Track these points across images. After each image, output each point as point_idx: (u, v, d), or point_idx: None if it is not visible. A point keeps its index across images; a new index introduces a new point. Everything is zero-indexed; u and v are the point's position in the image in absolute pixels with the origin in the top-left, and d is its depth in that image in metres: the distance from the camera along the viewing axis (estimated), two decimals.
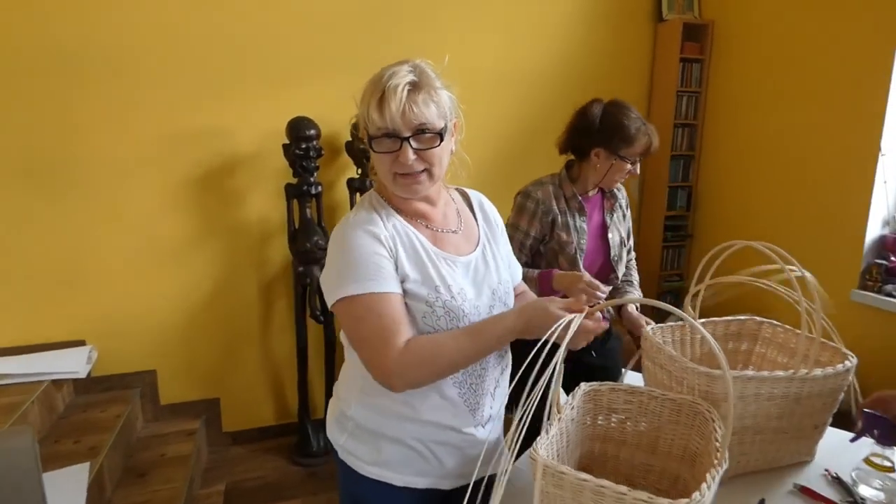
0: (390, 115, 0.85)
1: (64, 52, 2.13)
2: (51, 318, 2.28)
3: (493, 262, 1.05)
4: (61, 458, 1.88)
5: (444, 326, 0.93)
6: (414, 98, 0.86)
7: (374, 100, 0.86)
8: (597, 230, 1.59)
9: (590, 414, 1.01)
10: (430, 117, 0.88)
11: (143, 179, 2.30)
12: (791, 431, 1.05)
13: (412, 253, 0.94)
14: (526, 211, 1.54)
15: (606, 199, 1.62)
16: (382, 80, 0.87)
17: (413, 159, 0.88)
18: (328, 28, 2.44)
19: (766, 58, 2.69)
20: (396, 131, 0.87)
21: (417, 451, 0.99)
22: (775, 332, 1.26)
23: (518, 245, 1.54)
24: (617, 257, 1.60)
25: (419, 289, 0.92)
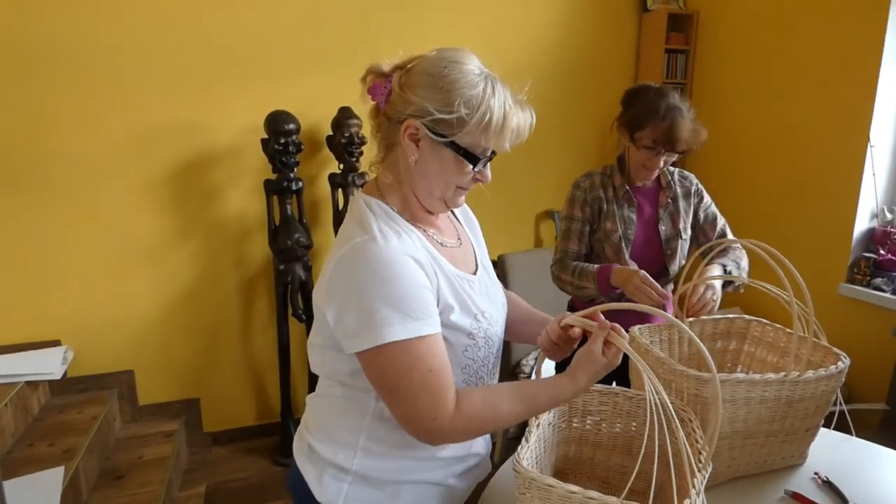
0: (511, 144, 0.80)
1: (36, 49, 2.05)
2: (25, 318, 2.21)
3: (490, 270, 0.98)
4: (35, 461, 1.83)
5: (482, 357, 0.86)
6: (528, 127, 0.82)
7: (508, 129, 0.78)
8: (649, 223, 1.51)
9: (564, 417, 0.99)
10: None
11: (119, 177, 2.24)
12: (782, 435, 1.02)
13: (445, 278, 0.81)
14: (575, 199, 1.52)
15: (662, 192, 1.53)
16: (508, 109, 0.78)
17: (489, 179, 0.84)
18: (306, 21, 2.38)
19: (753, 48, 2.66)
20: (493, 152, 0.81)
21: (440, 484, 0.90)
22: (764, 330, 1.23)
23: (577, 235, 1.51)
24: (670, 251, 1.51)
25: (461, 320, 0.81)
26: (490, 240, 1.09)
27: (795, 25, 2.45)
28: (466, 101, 0.76)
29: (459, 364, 0.84)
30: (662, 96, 1.38)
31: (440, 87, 0.76)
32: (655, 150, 1.38)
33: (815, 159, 2.42)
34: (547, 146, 2.88)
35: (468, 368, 0.86)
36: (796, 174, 2.50)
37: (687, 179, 1.57)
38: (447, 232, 0.92)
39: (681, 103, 1.38)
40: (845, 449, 1.16)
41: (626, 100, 1.47)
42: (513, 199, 2.85)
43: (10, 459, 1.83)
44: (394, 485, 0.86)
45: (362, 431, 0.85)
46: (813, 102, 2.40)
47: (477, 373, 0.88)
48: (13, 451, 1.88)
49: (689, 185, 1.55)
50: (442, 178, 0.81)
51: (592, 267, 1.44)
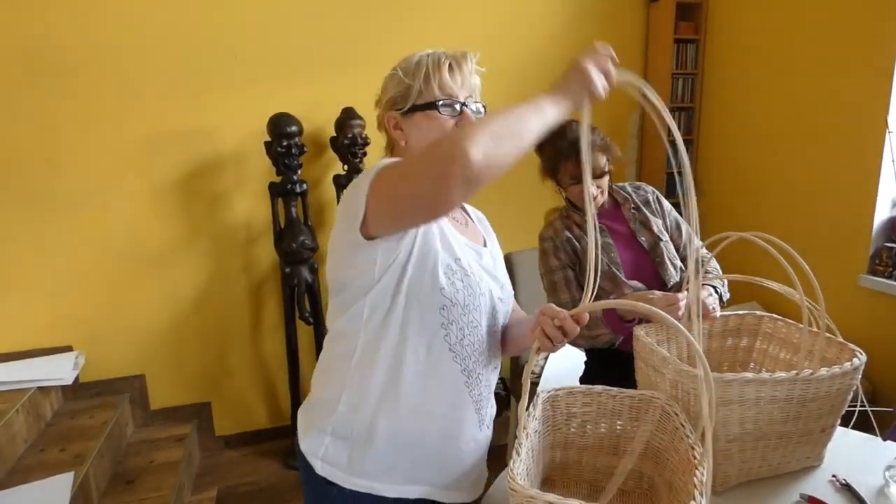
0: (459, 84, 0.91)
1: (41, 58, 2.08)
2: (36, 324, 2.23)
3: (498, 262, 1.03)
4: (47, 467, 1.84)
5: (461, 300, 0.87)
6: (471, 66, 0.95)
7: (444, 67, 0.91)
8: (627, 241, 1.47)
9: (549, 422, 0.97)
10: (477, 90, 0.96)
11: (126, 183, 2.25)
12: (796, 436, 0.97)
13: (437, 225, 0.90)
14: (548, 251, 1.47)
15: (623, 206, 1.50)
16: (442, 52, 0.93)
17: (474, 121, 0.89)
18: (307, 24, 2.37)
19: (765, 35, 2.58)
20: (457, 98, 0.91)
21: (416, 448, 0.89)
22: (777, 326, 1.18)
23: (565, 283, 1.43)
24: (658, 258, 1.46)
25: (440, 253, 0.87)
26: (500, 237, 1.11)
27: (809, 12, 2.37)
28: (405, 71, 0.92)
29: (438, 303, 0.86)
30: (561, 135, 1.38)
31: (389, 77, 0.95)
32: (580, 184, 1.38)
33: (831, 148, 2.34)
34: None
35: (445, 328, 0.87)
36: (812, 164, 2.42)
37: (641, 189, 1.54)
38: (456, 213, 1.02)
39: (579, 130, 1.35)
40: (866, 450, 1.11)
41: (536, 147, 1.41)
42: (519, 196, 2.81)
43: (22, 465, 1.85)
44: (367, 433, 0.88)
45: (346, 383, 0.89)
46: (828, 89, 2.32)
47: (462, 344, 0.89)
48: (25, 457, 1.90)
49: (645, 194, 1.54)
50: (429, 138, 0.91)
51: (596, 312, 1.37)
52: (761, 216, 2.66)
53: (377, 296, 0.86)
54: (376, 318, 0.86)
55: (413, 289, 0.85)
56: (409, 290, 0.85)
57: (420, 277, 0.85)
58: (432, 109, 0.90)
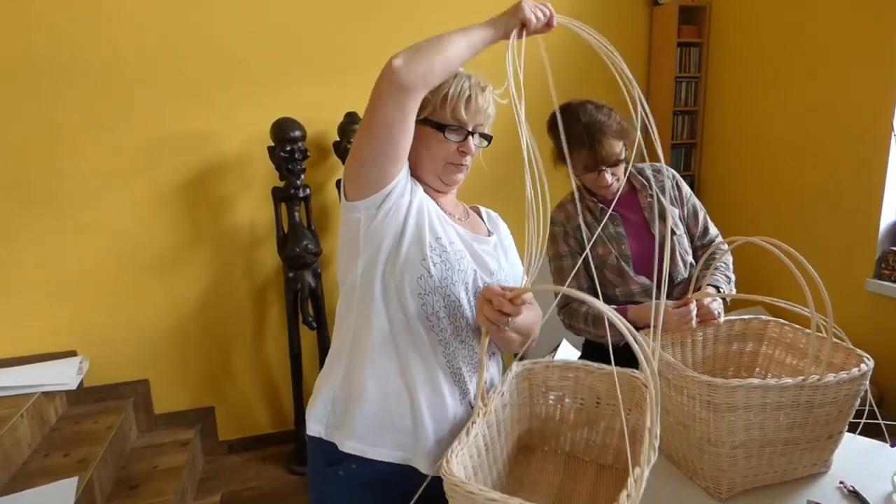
0: (475, 112, 0.97)
1: (43, 63, 2.09)
2: (40, 329, 2.24)
3: (499, 253, 1.05)
4: (51, 472, 1.84)
5: (438, 275, 0.91)
6: (488, 101, 1.00)
7: (463, 97, 0.96)
8: (640, 230, 1.40)
9: (525, 394, 0.99)
10: (489, 121, 1.02)
11: (129, 188, 2.26)
12: (803, 442, 0.96)
13: (423, 208, 0.95)
14: (558, 236, 1.42)
15: (639, 193, 1.42)
16: (465, 80, 0.98)
17: (473, 151, 0.99)
18: (310, 28, 2.38)
19: (769, 38, 2.58)
20: (466, 125, 0.97)
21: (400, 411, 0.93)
22: (783, 331, 1.17)
23: (571, 269, 1.38)
24: (670, 254, 1.41)
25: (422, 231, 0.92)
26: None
27: (812, 14, 2.37)
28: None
29: (414, 291, 0.91)
30: (575, 118, 1.32)
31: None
32: (594, 171, 1.33)
33: (836, 152, 2.33)
34: None
35: (422, 298, 0.91)
36: (817, 168, 2.41)
37: (660, 172, 1.43)
38: (450, 208, 1.05)
39: (597, 115, 1.31)
40: (874, 456, 1.09)
41: (549, 130, 1.40)
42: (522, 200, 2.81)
43: (26, 470, 1.85)
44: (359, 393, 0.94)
45: (344, 351, 0.97)
46: (833, 92, 2.31)
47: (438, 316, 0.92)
48: (29, 462, 1.90)
49: (665, 180, 1.43)
50: (429, 154, 0.98)
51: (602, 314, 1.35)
52: (766, 220, 2.65)
53: (365, 265, 0.93)
54: (366, 287, 0.93)
55: (395, 258, 0.92)
56: (392, 258, 0.92)
57: (402, 248, 0.91)
58: (440, 131, 0.96)
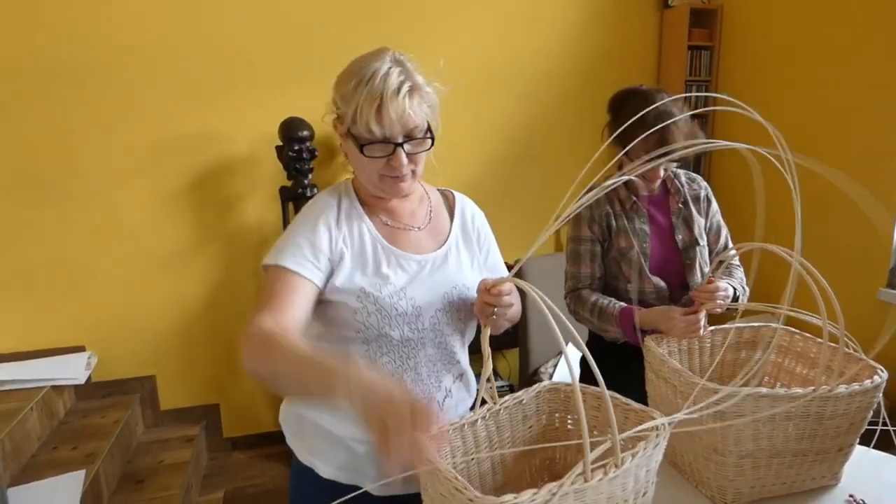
0: (390, 124, 0.84)
1: (53, 64, 2.11)
2: (50, 324, 2.27)
3: (456, 264, 1.00)
4: (59, 464, 1.87)
5: (374, 325, 0.90)
6: (411, 102, 0.85)
7: (372, 107, 0.83)
8: (663, 233, 1.39)
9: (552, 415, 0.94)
10: (423, 119, 0.88)
11: (138, 187, 2.28)
12: (812, 454, 0.94)
13: (358, 252, 0.93)
14: (581, 218, 1.39)
15: (671, 197, 1.41)
16: (376, 85, 0.83)
17: (405, 164, 0.88)
18: (318, 28, 2.38)
19: (781, 42, 2.55)
20: (392, 138, 0.86)
21: (344, 445, 0.96)
22: (793, 340, 1.15)
23: (589, 256, 1.38)
24: (689, 261, 1.39)
25: (351, 282, 0.90)
26: (507, 244, 1.10)
27: (826, 17, 2.33)
28: (342, 97, 0.87)
29: (353, 328, 0.90)
30: (650, 101, 1.27)
31: (335, 85, 0.90)
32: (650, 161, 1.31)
33: (849, 158, 2.30)
34: (566, 148, 2.82)
35: (362, 334, 0.90)
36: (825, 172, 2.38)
37: (695, 182, 1.46)
38: (412, 217, 1.00)
39: (672, 106, 1.29)
40: (887, 471, 1.07)
41: (613, 108, 1.38)
42: (531, 203, 2.80)
43: (35, 462, 1.87)
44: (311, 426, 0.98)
45: None
46: (846, 97, 2.28)
47: (377, 343, 0.91)
48: (38, 454, 1.92)
49: (699, 189, 1.46)
50: (360, 166, 0.90)
51: (613, 308, 1.30)
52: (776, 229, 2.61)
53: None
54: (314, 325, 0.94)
55: (331, 318, 0.92)
56: (329, 319, 0.92)
57: (336, 308, 0.90)
58: (359, 148, 0.86)
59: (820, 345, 1.06)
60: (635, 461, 0.64)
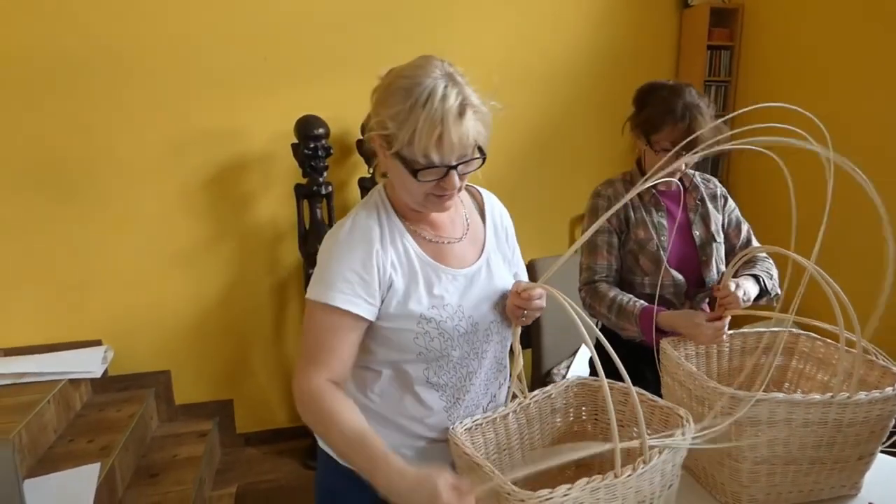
0: (450, 151, 0.79)
1: (72, 60, 2.14)
2: (67, 318, 2.30)
3: (497, 270, 0.99)
4: (75, 457, 1.89)
5: (437, 347, 0.89)
6: (468, 125, 0.80)
7: (433, 135, 0.78)
8: (681, 229, 1.39)
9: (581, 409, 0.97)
10: (479, 140, 0.83)
11: (155, 183, 2.31)
12: (830, 462, 0.92)
13: (408, 272, 0.89)
14: (599, 209, 1.38)
15: (688, 194, 1.42)
16: (435, 108, 0.77)
17: (458, 185, 0.84)
18: (335, 25, 2.39)
19: (802, 42, 2.50)
20: (442, 163, 0.80)
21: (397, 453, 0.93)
22: (815, 345, 1.13)
23: (606, 248, 1.37)
24: (705, 258, 1.39)
25: (408, 308, 0.88)
26: (523, 244, 1.09)
27: (848, 18, 2.28)
28: (393, 117, 0.80)
29: (413, 351, 0.89)
30: (678, 94, 1.28)
31: (382, 102, 0.83)
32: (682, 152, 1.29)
33: (869, 160, 2.23)
34: (582, 148, 2.80)
35: (423, 356, 0.89)
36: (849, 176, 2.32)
37: (710, 181, 1.47)
38: (452, 227, 0.97)
39: (699, 100, 1.28)
40: None
41: (639, 99, 1.37)
42: (546, 202, 2.78)
43: (52, 454, 1.90)
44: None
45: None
46: (869, 98, 2.23)
47: (438, 363, 0.91)
48: (55, 447, 1.95)
49: (714, 188, 1.46)
50: (404, 186, 0.86)
51: (633, 306, 1.27)
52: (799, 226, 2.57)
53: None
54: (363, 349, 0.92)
55: (387, 341, 0.90)
56: (385, 341, 0.90)
57: (393, 333, 0.89)
58: (412, 173, 0.81)
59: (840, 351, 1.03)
60: (662, 457, 0.67)
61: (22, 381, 2.04)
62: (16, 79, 2.10)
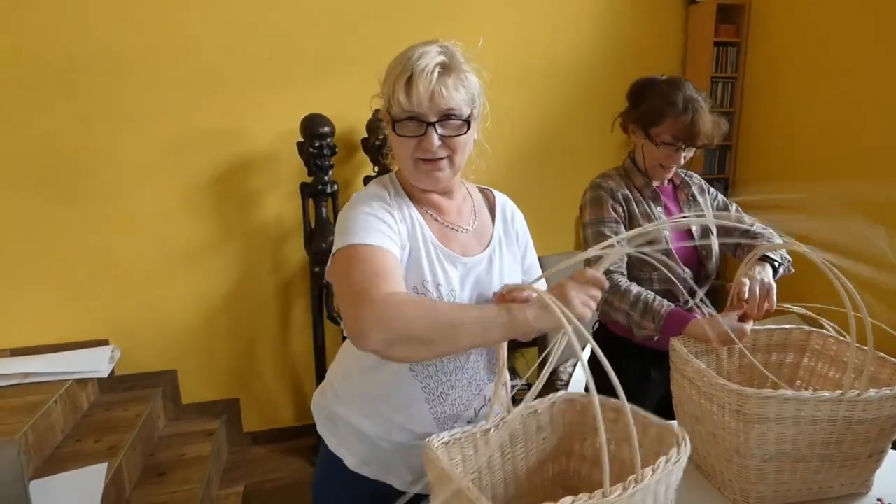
0: (418, 98, 0.81)
1: (77, 61, 2.15)
2: (74, 318, 2.31)
3: (500, 266, 0.98)
4: (82, 457, 1.89)
5: None
6: (444, 81, 0.82)
7: (402, 80, 0.81)
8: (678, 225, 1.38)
9: (567, 426, 0.92)
10: (458, 102, 0.84)
11: (160, 182, 2.31)
12: (840, 460, 0.91)
13: (413, 244, 0.88)
14: (602, 200, 1.33)
15: (679, 191, 1.42)
16: (411, 60, 0.82)
17: (437, 145, 0.84)
18: (340, 26, 2.39)
19: (810, 38, 2.48)
20: (422, 115, 0.83)
21: (373, 443, 0.96)
22: (826, 343, 1.12)
23: (615, 236, 1.34)
24: (705, 251, 1.38)
25: (408, 275, 0.86)
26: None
27: (855, 14, 2.26)
28: (384, 78, 0.86)
29: None
30: (677, 87, 1.26)
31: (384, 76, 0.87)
32: (675, 145, 1.28)
33: (878, 156, 2.23)
34: (587, 145, 2.79)
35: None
36: (858, 172, 2.31)
37: (693, 177, 1.47)
38: (459, 216, 0.97)
39: (697, 94, 1.27)
40: None
41: (635, 94, 1.35)
42: (552, 200, 2.77)
43: (58, 455, 1.91)
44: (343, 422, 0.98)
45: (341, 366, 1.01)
46: (878, 96, 2.21)
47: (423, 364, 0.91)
48: (62, 447, 1.96)
49: (699, 181, 1.46)
50: (398, 153, 0.89)
51: (661, 307, 1.19)
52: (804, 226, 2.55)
53: None
54: None
55: None
56: None
57: None
58: (393, 128, 0.85)
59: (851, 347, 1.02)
60: (655, 476, 0.63)
61: (28, 381, 2.04)
62: (21, 80, 2.11)
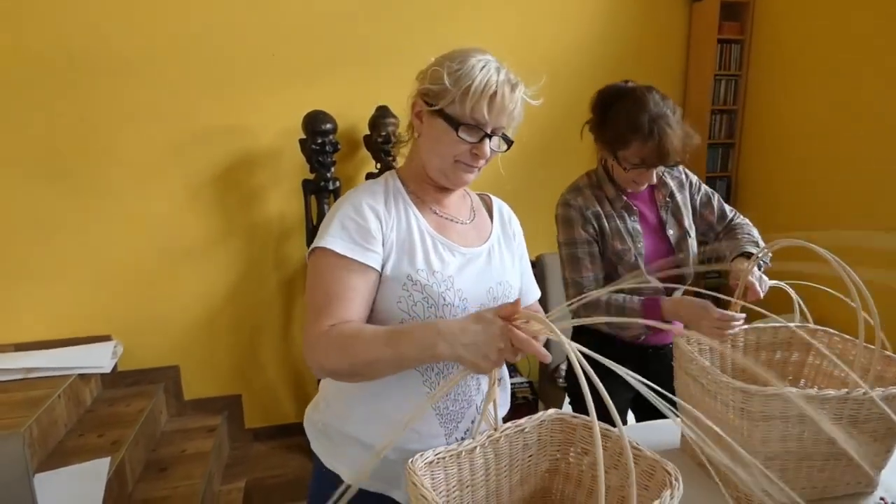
0: (498, 114, 0.87)
1: (80, 59, 2.15)
2: (77, 314, 2.31)
3: (500, 261, 0.98)
4: (85, 451, 1.90)
5: (420, 314, 0.87)
6: (517, 97, 0.89)
7: (487, 94, 0.85)
8: (654, 229, 1.36)
9: (555, 446, 0.88)
10: (513, 123, 0.91)
11: (163, 179, 2.31)
12: (845, 459, 0.91)
13: (405, 237, 0.90)
14: (573, 220, 1.33)
15: (657, 191, 1.37)
16: (495, 75, 0.86)
17: (488, 155, 0.90)
18: (342, 23, 2.39)
19: (814, 35, 2.46)
20: (485, 126, 0.88)
21: (371, 452, 0.92)
22: (832, 341, 1.11)
23: (589, 258, 1.31)
24: (682, 254, 1.35)
25: (398, 270, 0.87)
26: (529, 240, 1.08)
27: (858, 11, 2.25)
28: (451, 73, 0.87)
29: (396, 317, 0.87)
30: (642, 106, 1.20)
31: (436, 66, 0.89)
32: (650, 167, 1.24)
33: (882, 153, 2.22)
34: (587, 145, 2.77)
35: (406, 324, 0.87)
36: (862, 170, 2.30)
37: (673, 171, 1.39)
38: (458, 210, 1.00)
39: (664, 107, 1.21)
40: None
41: (600, 108, 1.29)
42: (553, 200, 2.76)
43: (62, 449, 1.92)
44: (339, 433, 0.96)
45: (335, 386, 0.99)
46: (879, 92, 2.20)
47: None
48: (65, 441, 1.97)
49: (680, 175, 1.40)
50: (438, 148, 0.90)
51: (633, 303, 1.24)
52: (806, 223, 2.54)
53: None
54: None
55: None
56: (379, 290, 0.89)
57: (379, 297, 0.88)
58: (454, 129, 0.87)
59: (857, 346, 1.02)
60: None
61: (32, 375, 2.05)
62: (25, 78, 2.11)
